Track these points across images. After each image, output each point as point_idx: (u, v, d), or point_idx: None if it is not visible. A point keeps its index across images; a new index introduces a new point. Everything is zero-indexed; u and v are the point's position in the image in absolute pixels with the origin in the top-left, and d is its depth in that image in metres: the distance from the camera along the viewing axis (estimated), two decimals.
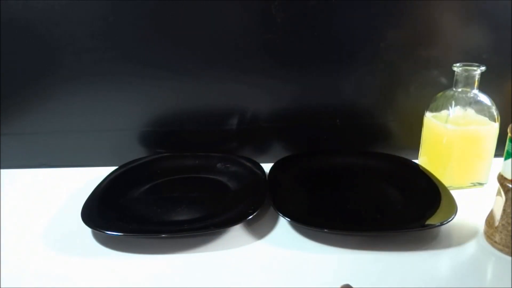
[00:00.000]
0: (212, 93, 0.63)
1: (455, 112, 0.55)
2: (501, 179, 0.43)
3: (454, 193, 0.50)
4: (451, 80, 0.56)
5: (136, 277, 0.42)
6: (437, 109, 0.57)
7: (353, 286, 0.37)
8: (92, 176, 0.58)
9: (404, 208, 0.51)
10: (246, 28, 0.59)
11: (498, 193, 0.44)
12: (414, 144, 0.62)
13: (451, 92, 0.56)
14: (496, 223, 0.44)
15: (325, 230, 0.47)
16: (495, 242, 0.44)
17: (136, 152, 0.65)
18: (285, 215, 0.47)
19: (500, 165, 0.44)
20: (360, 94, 0.64)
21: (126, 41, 0.59)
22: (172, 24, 0.58)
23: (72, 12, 0.57)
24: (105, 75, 0.61)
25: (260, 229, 0.49)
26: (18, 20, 0.57)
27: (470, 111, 0.55)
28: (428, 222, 0.46)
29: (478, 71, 0.53)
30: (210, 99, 0.63)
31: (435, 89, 0.59)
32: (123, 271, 0.43)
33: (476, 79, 0.54)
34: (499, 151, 0.49)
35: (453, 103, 0.55)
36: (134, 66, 0.61)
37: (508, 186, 0.42)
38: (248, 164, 0.61)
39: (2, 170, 0.66)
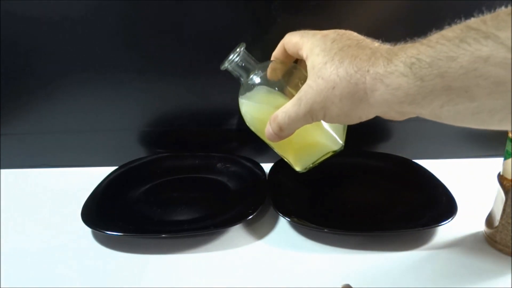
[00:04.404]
0: (212, 93, 0.63)
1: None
2: (501, 179, 0.43)
3: (454, 192, 0.50)
4: None
5: (136, 277, 0.42)
6: None
7: (353, 286, 0.37)
8: (92, 176, 0.58)
9: (404, 208, 0.51)
10: (246, 28, 0.59)
11: (498, 193, 0.44)
12: (414, 144, 0.62)
13: None
14: (496, 223, 0.44)
15: (325, 230, 0.46)
16: (495, 242, 0.44)
17: (136, 152, 0.65)
18: (285, 215, 0.47)
19: (500, 165, 0.44)
20: None
21: (126, 41, 0.59)
22: (171, 24, 0.58)
23: (72, 12, 0.57)
24: (105, 75, 0.61)
25: (260, 229, 0.49)
26: (18, 21, 0.57)
27: None
28: (428, 222, 0.46)
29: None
30: (210, 99, 0.63)
31: None
32: (123, 271, 0.43)
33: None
34: (499, 151, 0.49)
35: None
36: (134, 66, 0.60)
37: (508, 186, 0.42)
38: (248, 164, 0.61)
39: (2, 170, 0.66)
